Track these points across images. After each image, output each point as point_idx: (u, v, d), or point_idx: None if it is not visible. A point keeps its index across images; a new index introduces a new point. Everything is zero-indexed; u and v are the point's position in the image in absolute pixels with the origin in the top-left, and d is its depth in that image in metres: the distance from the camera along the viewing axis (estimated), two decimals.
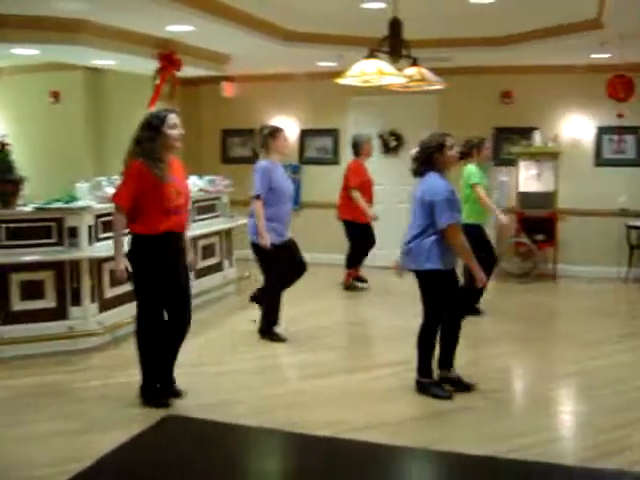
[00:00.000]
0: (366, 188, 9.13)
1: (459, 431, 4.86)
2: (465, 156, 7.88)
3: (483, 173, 7.91)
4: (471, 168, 7.81)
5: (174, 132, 5.03)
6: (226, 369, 6.21)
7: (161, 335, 5.23)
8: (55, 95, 10.18)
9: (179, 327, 5.29)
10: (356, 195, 8.97)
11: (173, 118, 5.05)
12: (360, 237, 9.25)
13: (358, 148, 9.27)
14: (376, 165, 10.05)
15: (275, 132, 6.88)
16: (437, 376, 5.57)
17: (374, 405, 5.34)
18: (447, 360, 5.59)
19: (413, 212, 5.43)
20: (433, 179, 5.35)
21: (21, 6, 6.45)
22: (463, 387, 5.53)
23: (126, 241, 5.19)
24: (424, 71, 6.44)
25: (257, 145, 7.09)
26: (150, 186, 4.93)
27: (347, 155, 10.70)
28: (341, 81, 5.87)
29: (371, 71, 5.63)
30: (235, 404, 5.32)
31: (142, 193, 4.94)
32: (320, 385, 5.90)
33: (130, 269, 5.06)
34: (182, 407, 5.21)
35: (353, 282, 9.43)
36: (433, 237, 5.28)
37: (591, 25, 7.37)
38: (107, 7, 6.38)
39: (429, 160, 5.38)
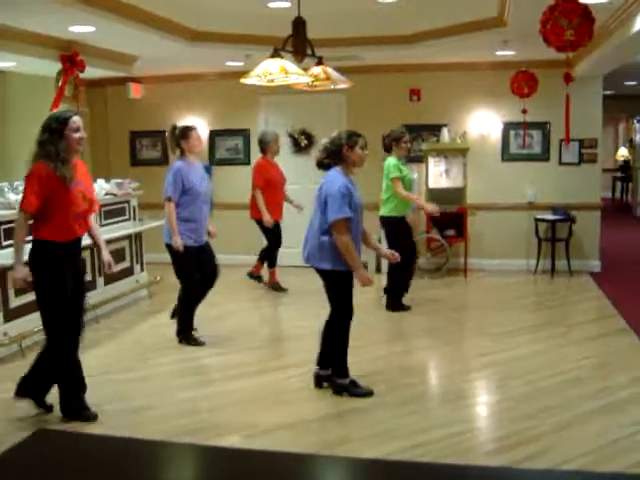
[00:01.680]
0: (275, 186, 9.03)
1: (365, 429, 4.85)
2: (387, 149, 7.98)
3: (404, 166, 7.97)
4: (390, 161, 7.88)
5: (77, 135, 4.85)
6: (138, 375, 6.08)
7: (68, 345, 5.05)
8: None
9: (77, 334, 5.09)
10: (257, 195, 8.91)
11: (76, 121, 4.87)
12: (268, 237, 9.23)
13: (264, 145, 9.12)
14: (287, 164, 10.01)
15: (186, 131, 6.79)
16: (315, 374, 5.63)
17: (285, 406, 5.32)
18: (327, 360, 5.58)
19: (314, 209, 5.41)
20: (333, 174, 5.32)
21: None
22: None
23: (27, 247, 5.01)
24: (329, 70, 6.42)
25: (170, 146, 6.99)
26: (56, 189, 4.76)
27: (257, 155, 10.66)
28: (245, 81, 5.82)
29: (275, 70, 5.58)
30: (146, 410, 5.22)
31: (48, 197, 4.76)
32: (233, 387, 5.84)
33: (30, 277, 4.87)
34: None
35: (279, 284, 9.38)
36: (328, 235, 5.23)
37: (493, 23, 7.52)
38: (3, 7, 6.17)
39: (337, 154, 5.35)
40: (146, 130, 11.44)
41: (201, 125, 11.06)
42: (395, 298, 8.10)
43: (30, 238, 4.94)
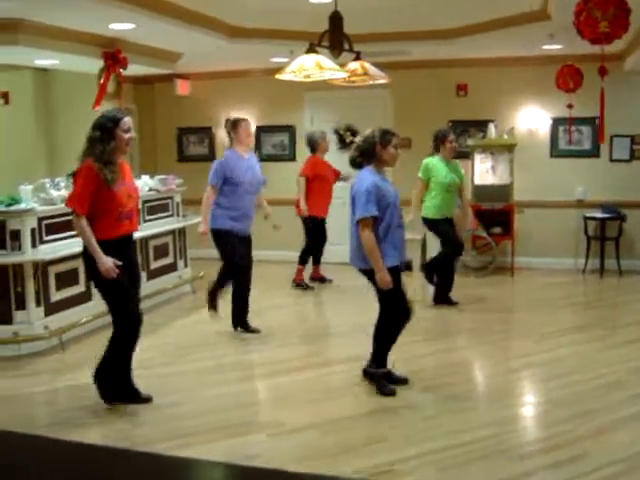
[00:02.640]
0: (324, 181, 9.10)
1: (401, 428, 4.80)
2: (434, 150, 7.88)
3: (447, 166, 7.84)
4: (427, 162, 7.78)
5: (127, 135, 4.98)
6: (174, 370, 6.11)
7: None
8: (4, 96, 10.00)
9: (136, 329, 5.20)
10: (301, 182, 9.02)
11: (127, 122, 4.99)
12: (315, 233, 9.24)
13: (313, 144, 9.25)
14: (333, 161, 9.94)
15: (236, 123, 6.96)
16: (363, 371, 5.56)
17: (318, 404, 5.27)
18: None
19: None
20: (364, 173, 5.30)
21: None
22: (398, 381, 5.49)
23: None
24: (367, 65, 6.36)
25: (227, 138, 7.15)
26: (101, 189, 4.87)
27: (303, 151, 10.63)
28: (280, 77, 5.81)
29: (310, 66, 5.56)
30: (175, 405, 5.25)
31: (95, 196, 4.87)
32: (267, 384, 5.84)
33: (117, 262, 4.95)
34: (119, 409, 5.15)
35: (304, 282, 9.32)
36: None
37: (537, 16, 7.35)
38: (43, 6, 6.25)
39: (370, 153, 5.30)
40: (193, 126, 11.51)
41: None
42: (442, 292, 8.04)
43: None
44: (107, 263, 4.86)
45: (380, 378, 5.38)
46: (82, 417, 5.05)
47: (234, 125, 6.93)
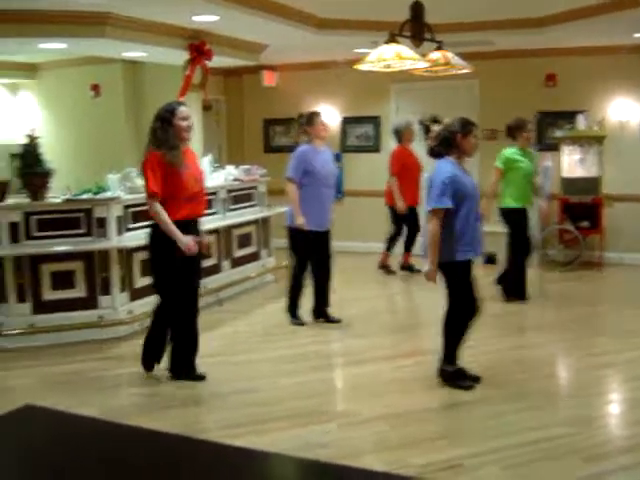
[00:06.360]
0: (410, 173, 9.17)
1: (471, 423, 4.75)
2: (509, 138, 7.75)
3: (523, 156, 7.69)
4: (504, 151, 7.66)
5: (184, 123, 5.19)
6: (251, 358, 6.19)
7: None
8: (95, 88, 10.29)
9: (193, 312, 5.45)
10: (392, 182, 9.12)
11: (183, 111, 5.23)
12: (404, 222, 9.33)
13: (399, 135, 9.34)
14: (418, 151, 9.91)
15: (311, 117, 6.93)
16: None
17: (390, 396, 5.25)
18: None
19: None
20: (443, 163, 5.21)
21: (47, 1, 6.55)
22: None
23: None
24: (449, 55, 6.30)
25: (296, 133, 7.19)
26: (168, 174, 5.10)
27: (388, 142, 10.61)
28: (359, 67, 5.81)
29: (389, 56, 5.55)
30: (248, 392, 5.32)
31: (163, 181, 5.10)
32: (342, 374, 5.87)
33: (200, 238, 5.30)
34: (195, 394, 5.26)
35: (388, 266, 9.47)
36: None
37: (629, 4, 7.12)
38: None
39: (450, 142, 5.23)
40: (279, 118, 11.60)
41: (333, 112, 11.15)
42: (511, 286, 7.88)
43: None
44: (186, 239, 5.10)
45: (454, 375, 5.31)
46: (158, 402, 5.19)
47: (310, 119, 6.91)
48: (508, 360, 6.02)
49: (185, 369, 5.52)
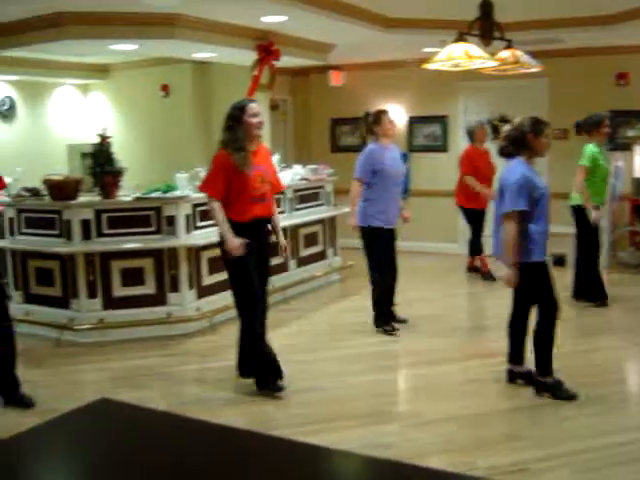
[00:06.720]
0: (482, 174, 8.96)
1: (539, 428, 4.67)
2: (586, 134, 7.50)
3: (601, 155, 7.48)
4: (588, 148, 7.36)
5: (254, 120, 5.14)
6: (317, 357, 6.21)
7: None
8: (165, 89, 10.45)
9: (262, 312, 5.38)
10: (470, 179, 8.88)
11: (253, 107, 5.18)
12: (473, 223, 9.18)
13: (472, 135, 9.18)
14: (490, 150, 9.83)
15: (379, 115, 6.84)
16: (508, 370, 5.39)
17: (456, 397, 5.21)
18: (519, 355, 5.36)
19: (497, 201, 5.24)
20: (515, 163, 5.08)
21: (118, 3, 6.68)
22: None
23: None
24: (519, 54, 6.22)
25: (364, 132, 7.14)
26: (233, 175, 5.08)
27: (456, 142, 10.54)
28: (428, 66, 5.79)
29: (458, 55, 5.51)
30: (313, 391, 5.34)
31: (229, 182, 5.09)
32: (407, 375, 5.84)
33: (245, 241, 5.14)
34: (263, 392, 5.29)
35: (479, 268, 9.29)
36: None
37: None
38: (199, 0, 6.49)
39: (522, 142, 5.12)
40: (346, 117, 11.60)
41: (400, 112, 11.10)
42: (582, 288, 7.71)
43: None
44: (233, 241, 5.06)
45: (554, 386, 5.11)
46: (225, 398, 5.26)
47: (377, 117, 6.82)
48: (579, 364, 5.90)
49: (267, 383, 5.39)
